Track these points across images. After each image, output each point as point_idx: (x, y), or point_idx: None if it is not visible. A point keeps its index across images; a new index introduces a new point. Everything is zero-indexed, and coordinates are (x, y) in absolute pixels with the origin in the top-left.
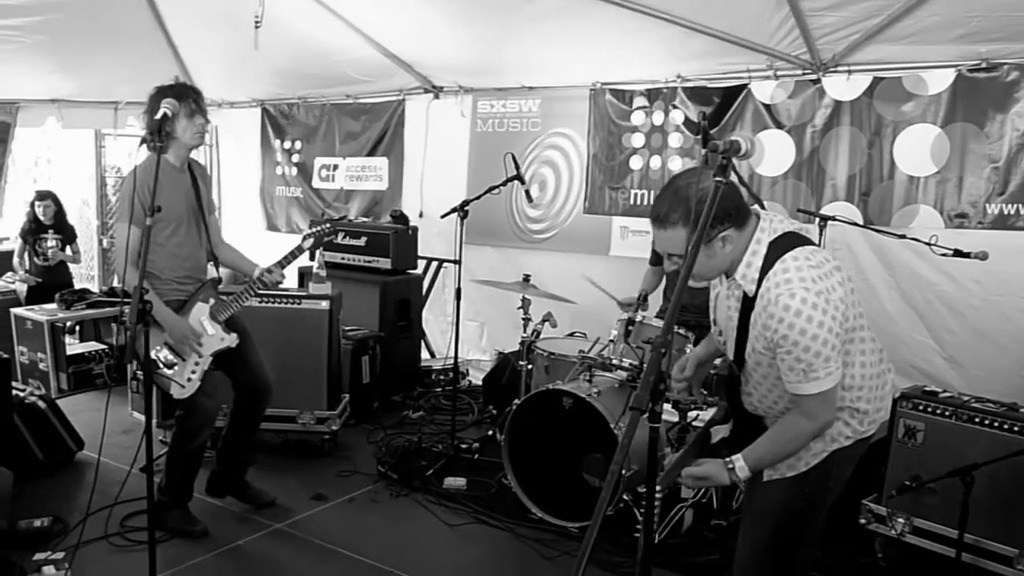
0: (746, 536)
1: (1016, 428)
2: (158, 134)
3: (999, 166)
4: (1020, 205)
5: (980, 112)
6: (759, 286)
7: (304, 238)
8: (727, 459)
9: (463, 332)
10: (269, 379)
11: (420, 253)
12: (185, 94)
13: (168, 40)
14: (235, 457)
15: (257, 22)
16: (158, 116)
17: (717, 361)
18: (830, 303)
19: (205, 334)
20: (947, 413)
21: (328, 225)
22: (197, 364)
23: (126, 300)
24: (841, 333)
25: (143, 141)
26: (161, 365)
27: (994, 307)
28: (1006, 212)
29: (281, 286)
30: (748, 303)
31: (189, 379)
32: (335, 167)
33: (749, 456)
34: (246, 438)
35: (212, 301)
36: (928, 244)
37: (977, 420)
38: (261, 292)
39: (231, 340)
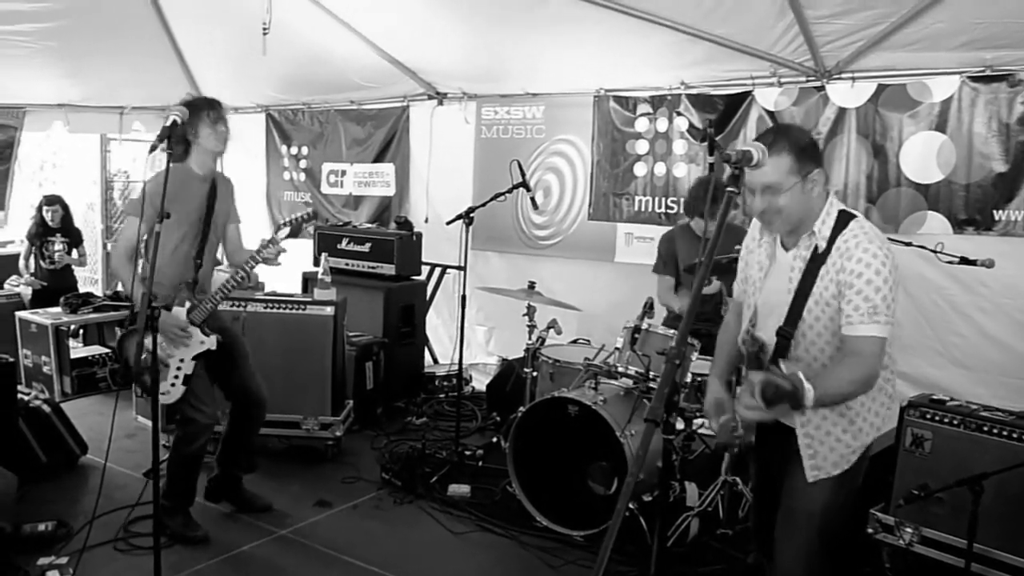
0: (793, 538)
1: None
2: (168, 140)
3: (1005, 173)
4: None
5: (986, 119)
6: (830, 243)
7: (278, 228)
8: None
9: (471, 336)
10: (259, 392)
11: (429, 259)
12: (201, 104)
13: (174, 46)
14: (233, 462)
15: (265, 29)
16: (168, 123)
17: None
18: (894, 262)
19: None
20: (955, 422)
21: (307, 212)
22: (179, 368)
23: (128, 303)
24: (896, 292)
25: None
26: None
27: (1003, 311)
28: (1013, 219)
29: (286, 293)
30: (816, 260)
31: (173, 384)
32: (343, 173)
33: (818, 386)
34: (241, 447)
35: (188, 304)
36: (934, 251)
37: (986, 429)
38: (264, 298)
39: (211, 342)
